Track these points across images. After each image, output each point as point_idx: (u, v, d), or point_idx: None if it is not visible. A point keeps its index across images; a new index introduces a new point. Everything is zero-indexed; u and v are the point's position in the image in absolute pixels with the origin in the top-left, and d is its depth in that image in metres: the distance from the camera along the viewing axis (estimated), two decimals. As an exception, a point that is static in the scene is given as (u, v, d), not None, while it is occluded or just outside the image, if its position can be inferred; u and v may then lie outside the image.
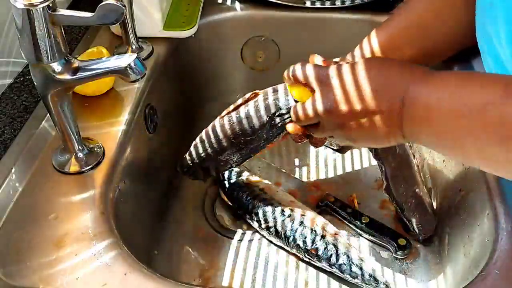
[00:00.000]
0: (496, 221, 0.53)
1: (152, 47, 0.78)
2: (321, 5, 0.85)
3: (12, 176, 0.59)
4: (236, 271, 0.68)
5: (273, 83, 0.62)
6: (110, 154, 0.61)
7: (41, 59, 0.50)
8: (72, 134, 0.58)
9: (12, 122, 0.65)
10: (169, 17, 0.82)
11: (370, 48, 0.65)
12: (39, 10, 0.47)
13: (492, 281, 0.49)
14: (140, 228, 0.67)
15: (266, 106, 0.60)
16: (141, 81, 0.70)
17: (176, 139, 0.82)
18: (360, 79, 0.51)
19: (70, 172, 0.59)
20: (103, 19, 0.48)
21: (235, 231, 0.74)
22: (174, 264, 0.70)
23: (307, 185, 0.80)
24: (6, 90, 0.69)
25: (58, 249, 0.51)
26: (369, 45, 0.65)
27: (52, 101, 0.54)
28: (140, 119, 0.70)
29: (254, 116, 0.61)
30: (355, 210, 0.73)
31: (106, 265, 0.50)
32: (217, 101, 0.93)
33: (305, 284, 0.67)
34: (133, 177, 0.64)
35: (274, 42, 0.90)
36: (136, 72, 0.51)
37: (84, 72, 0.52)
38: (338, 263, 0.64)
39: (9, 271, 0.50)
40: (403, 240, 0.68)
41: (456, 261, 0.61)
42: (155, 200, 0.74)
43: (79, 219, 0.54)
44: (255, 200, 0.71)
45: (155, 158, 0.74)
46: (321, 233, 0.66)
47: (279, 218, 0.68)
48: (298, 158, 0.84)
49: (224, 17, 0.88)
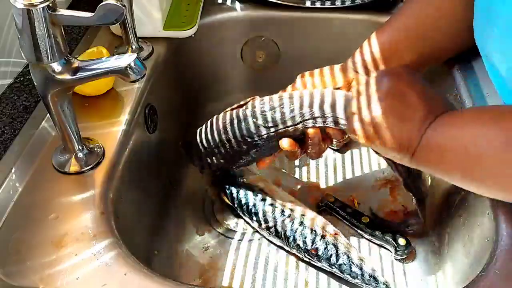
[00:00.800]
0: (496, 221, 0.53)
1: (152, 47, 0.78)
2: (321, 5, 0.85)
3: (12, 176, 0.59)
4: (236, 271, 0.68)
5: (273, 83, 0.63)
6: (110, 154, 0.61)
7: (41, 59, 0.50)
8: (72, 134, 0.58)
9: (12, 122, 0.65)
10: (169, 17, 0.82)
11: (371, 53, 0.65)
12: (39, 10, 0.47)
13: (492, 281, 0.49)
14: (140, 228, 0.67)
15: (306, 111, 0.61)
16: (141, 81, 0.70)
17: (176, 139, 0.82)
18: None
19: (70, 172, 0.59)
20: (103, 19, 0.48)
21: (235, 231, 0.74)
22: (174, 264, 0.70)
23: (307, 185, 0.80)
24: (6, 90, 0.69)
25: (58, 249, 0.51)
26: (369, 49, 0.65)
27: (52, 101, 0.54)
28: (140, 119, 0.70)
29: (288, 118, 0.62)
30: (355, 210, 0.73)
31: (106, 265, 0.50)
32: (217, 101, 0.93)
33: (305, 284, 0.67)
34: (133, 177, 0.64)
35: (274, 42, 0.90)
36: (136, 72, 0.51)
37: (84, 72, 0.52)
38: (338, 263, 0.64)
39: (9, 271, 0.50)
40: (403, 240, 0.68)
41: (456, 261, 0.61)
42: (155, 200, 0.74)
43: (79, 219, 0.54)
44: (255, 200, 0.71)
45: (155, 158, 0.74)
46: (321, 233, 0.66)
47: (279, 218, 0.68)
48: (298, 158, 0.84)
49: (224, 17, 0.88)
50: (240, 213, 0.73)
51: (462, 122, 0.51)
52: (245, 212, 0.72)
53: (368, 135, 0.55)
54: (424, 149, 0.52)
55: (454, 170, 0.51)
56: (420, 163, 0.54)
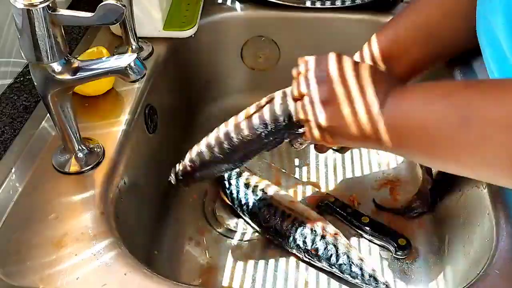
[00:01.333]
0: (496, 221, 0.53)
1: (152, 47, 0.78)
2: (321, 5, 0.85)
3: (12, 176, 0.59)
4: (236, 271, 0.68)
5: (273, 83, 0.62)
6: (110, 154, 0.61)
7: (41, 59, 0.50)
8: (72, 134, 0.58)
9: (12, 122, 0.65)
10: (169, 17, 0.82)
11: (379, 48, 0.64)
12: (39, 10, 0.47)
13: (492, 281, 0.49)
14: (140, 228, 0.67)
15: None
16: (141, 81, 0.70)
17: (176, 139, 0.82)
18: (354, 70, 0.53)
19: (70, 172, 0.59)
20: (103, 19, 0.48)
21: (235, 231, 0.74)
22: (174, 264, 0.70)
23: (307, 185, 0.80)
24: (6, 90, 0.69)
25: (58, 249, 0.51)
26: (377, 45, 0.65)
27: (52, 101, 0.54)
28: (140, 119, 0.70)
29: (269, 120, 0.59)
30: (355, 210, 0.73)
31: (106, 265, 0.50)
32: (217, 101, 0.93)
33: (305, 284, 0.67)
34: (133, 177, 0.64)
35: (274, 42, 0.90)
36: (136, 72, 0.51)
37: (84, 72, 0.52)
38: (338, 263, 0.64)
39: (9, 271, 0.50)
40: (403, 240, 0.68)
41: (456, 261, 0.61)
42: (155, 200, 0.74)
43: (79, 219, 0.54)
44: (255, 200, 0.71)
45: (155, 158, 0.74)
46: (321, 233, 0.66)
47: (279, 218, 0.68)
48: (298, 158, 0.84)
49: (224, 17, 0.88)
50: (240, 213, 0.73)
51: (416, 100, 0.49)
52: (245, 212, 0.72)
53: (327, 137, 0.54)
54: (388, 132, 0.50)
55: (415, 150, 0.50)
56: (391, 147, 0.51)
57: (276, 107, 0.58)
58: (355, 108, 0.51)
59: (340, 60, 0.54)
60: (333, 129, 0.53)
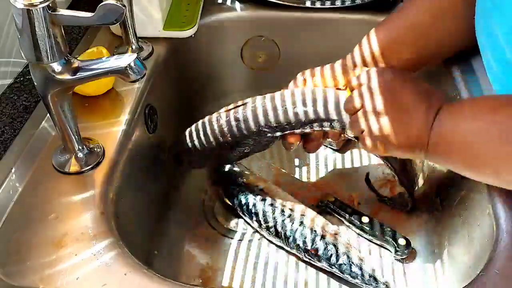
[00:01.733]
0: (496, 221, 0.53)
1: (152, 47, 0.78)
2: (321, 5, 0.85)
3: (12, 176, 0.59)
4: (236, 271, 0.68)
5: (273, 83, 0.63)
6: (110, 154, 0.61)
7: (41, 59, 0.50)
8: (72, 134, 0.58)
9: (12, 122, 0.65)
10: (169, 17, 0.82)
11: (370, 50, 0.65)
12: (39, 10, 0.47)
13: (492, 281, 0.49)
14: (140, 228, 0.67)
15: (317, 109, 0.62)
16: (141, 81, 0.70)
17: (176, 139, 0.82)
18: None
19: (70, 172, 0.59)
20: (103, 19, 0.48)
21: (235, 231, 0.74)
22: (174, 264, 0.70)
23: (307, 185, 0.80)
24: (6, 90, 0.69)
25: (58, 249, 0.51)
26: (368, 46, 0.65)
27: (52, 101, 0.54)
28: (140, 119, 0.70)
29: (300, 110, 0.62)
30: (355, 210, 0.73)
31: (106, 265, 0.50)
32: (217, 101, 0.93)
33: (305, 284, 0.67)
34: (133, 177, 0.64)
35: (274, 42, 0.90)
36: (136, 72, 0.51)
37: (84, 72, 0.52)
38: (338, 263, 0.64)
39: (9, 271, 0.50)
40: (403, 240, 0.68)
41: (456, 261, 0.61)
42: (155, 200, 0.74)
43: (79, 219, 0.54)
44: (255, 200, 0.71)
45: (155, 158, 0.74)
46: (321, 233, 0.66)
47: (279, 218, 0.68)
48: (298, 158, 0.84)
49: (224, 17, 0.88)
50: (240, 213, 0.73)
51: (462, 116, 0.54)
52: (245, 212, 0.72)
53: (379, 146, 0.58)
54: (435, 144, 0.54)
55: (458, 162, 0.55)
56: (434, 158, 0.57)
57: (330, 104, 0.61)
58: (408, 122, 0.56)
59: (395, 73, 0.58)
60: (385, 139, 0.57)
